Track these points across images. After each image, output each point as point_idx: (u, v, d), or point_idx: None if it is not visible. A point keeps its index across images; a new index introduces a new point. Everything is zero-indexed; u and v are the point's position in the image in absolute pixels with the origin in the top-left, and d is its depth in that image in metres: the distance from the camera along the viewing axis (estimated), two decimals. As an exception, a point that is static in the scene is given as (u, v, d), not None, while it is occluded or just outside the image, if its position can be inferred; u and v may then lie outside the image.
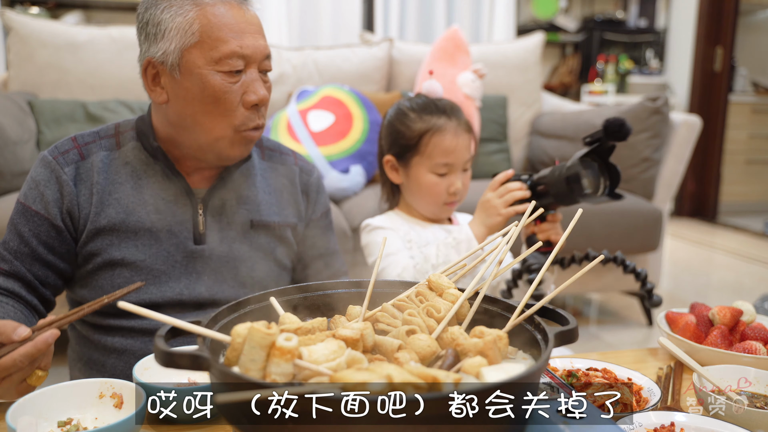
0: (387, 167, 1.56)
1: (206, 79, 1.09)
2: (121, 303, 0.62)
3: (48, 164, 1.15)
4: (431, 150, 1.48)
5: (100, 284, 1.16)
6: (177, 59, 1.09)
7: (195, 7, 1.08)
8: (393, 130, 1.53)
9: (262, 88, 1.14)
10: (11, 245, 1.14)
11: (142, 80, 1.15)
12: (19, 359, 0.87)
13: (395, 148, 1.53)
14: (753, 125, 5.71)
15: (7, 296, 1.12)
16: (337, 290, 0.88)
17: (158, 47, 1.09)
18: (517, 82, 3.29)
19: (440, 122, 1.48)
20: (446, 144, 1.47)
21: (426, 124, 1.49)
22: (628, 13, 5.89)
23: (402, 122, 1.51)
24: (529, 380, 0.63)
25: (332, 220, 1.42)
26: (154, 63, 1.11)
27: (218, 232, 1.20)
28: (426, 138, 1.48)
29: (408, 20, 4.40)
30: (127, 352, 1.16)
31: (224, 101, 1.10)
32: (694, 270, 4.08)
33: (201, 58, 1.08)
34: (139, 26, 1.13)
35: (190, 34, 1.08)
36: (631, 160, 2.78)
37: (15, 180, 2.34)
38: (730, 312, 1.16)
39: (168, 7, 1.08)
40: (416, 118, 1.50)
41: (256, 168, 1.27)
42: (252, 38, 1.11)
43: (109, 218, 1.14)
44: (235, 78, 1.11)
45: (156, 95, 1.13)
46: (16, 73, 2.73)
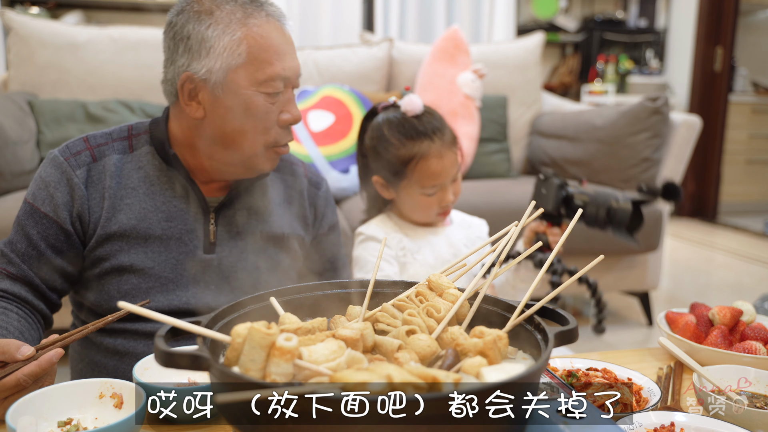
0: (377, 186, 1.52)
1: (250, 100, 1.08)
2: (121, 303, 0.62)
3: (59, 165, 1.13)
4: (418, 176, 1.43)
5: (107, 289, 1.14)
6: (221, 78, 1.07)
7: (242, 27, 1.06)
8: (376, 154, 1.48)
9: (296, 109, 1.14)
10: (19, 247, 1.12)
11: (176, 93, 1.11)
12: (23, 379, 0.87)
13: (381, 172, 1.48)
14: (753, 125, 5.71)
15: (13, 302, 1.11)
16: (337, 290, 0.88)
17: (201, 64, 1.07)
18: (517, 82, 3.29)
19: (423, 147, 1.43)
20: (432, 169, 1.43)
21: (409, 151, 1.43)
22: (628, 13, 5.89)
23: (385, 149, 1.45)
24: (529, 380, 0.63)
25: (341, 232, 1.41)
26: (195, 79, 1.08)
27: (228, 243, 1.19)
28: (411, 165, 1.43)
29: (408, 20, 4.40)
30: (129, 355, 1.15)
31: (264, 121, 1.10)
32: (694, 270, 4.08)
33: (246, 79, 1.07)
34: (175, 37, 1.09)
35: (236, 54, 1.06)
36: (631, 160, 2.78)
37: (15, 180, 2.34)
38: (730, 312, 1.16)
39: (214, 24, 1.06)
40: (399, 144, 1.44)
41: (268, 179, 1.27)
42: (291, 59, 1.11)
43: (120, 224, 1.13)
44: (275, 99, 1.11)
45: (192, 110, 1.11)
46: (16, 73, 2.73)
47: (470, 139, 2.89)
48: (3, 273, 1.12)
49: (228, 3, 1.08)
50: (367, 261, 1.48)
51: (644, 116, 2.74)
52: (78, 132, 2.54)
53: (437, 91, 2.90)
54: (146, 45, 2.84)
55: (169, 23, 1.11)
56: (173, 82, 1.12)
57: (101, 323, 0.97)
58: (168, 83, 1.13)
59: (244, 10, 1.08)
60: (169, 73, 1.12)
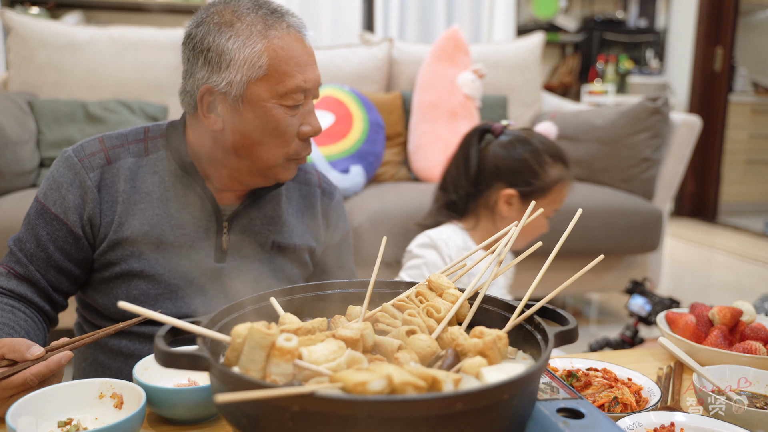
0: (503, 198, 1.56)
1: (270, 113, 1.07)
2: (121, 303, 0.62)
3: (72, 166, 1.12)
4: (556, 196, 1.55)
5: (115, 293, 1.13)
6: (241, 91, 1.06)
7: (263, 39, 1.05)
8: (526, 168, 1.55)
9: (317, 120, 1.13)
10: (27, 247, 1.11)
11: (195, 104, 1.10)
12: (30, 377, 0.87)
13: (522, 185, 1.55)
14: (753, 125, 5.72)
15: (20, 301, 1.10)
16: (337, 290, 0.88)
17: (221, 77, 1.05)
18: (517, 82, 3.29)
19: (567, 174, 1.56)
20: (565, 192, 1.57)
21: (559, 173, 1.55)
22: (628, 13, 5.89)
23: (539, 164, 1.54)
24: (529, 380, 0.63)
25: (351, 242, 1.39)
26: (214, 91, 1.07)
27: (240, 252, 1.18)
28: (558, 186, 1.55)
29: (408, 20, 4.40)
30: (133, 356, 1.15)
31: (284, 133, 1.09)
32: (694, 270, 4.08)
33: (267, 91, 1.06)
34: (195, 49, 1.08)
35: (257, 67, 1.05)
36: (631, 160, 2.78)
37: (15, 180, 2.34)
38: (730, 312, 1.16)
39: (235, 36, 1.05)
40: (552, 163, 1.54)
41: (283, 188, 1.25)
42: (312, 70, 1.10)
43: (132, 229, 1.12)
44: (296, 111, 1.10)
45: (210, 122, 1.09)
46: (16, 73, 2.73)
47: (470, 139, 2.89)
48: (11, 273, 1.11)
49: (249, 14, 1.06)
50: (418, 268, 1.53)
51: (644, 116, 2.74)
52: (78, 132, 2.54)
53: (437, 91, 2.90)
54: (146, 45, 2.84)
55: (189, 35, 1.09)
56: (192, 93, 1.10)
57: (112, 330, 0.97)
58: (187, 94, 1.11)
59: (265, 22, 1.06)
60: (188, 85, 1.11)
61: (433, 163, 2.84)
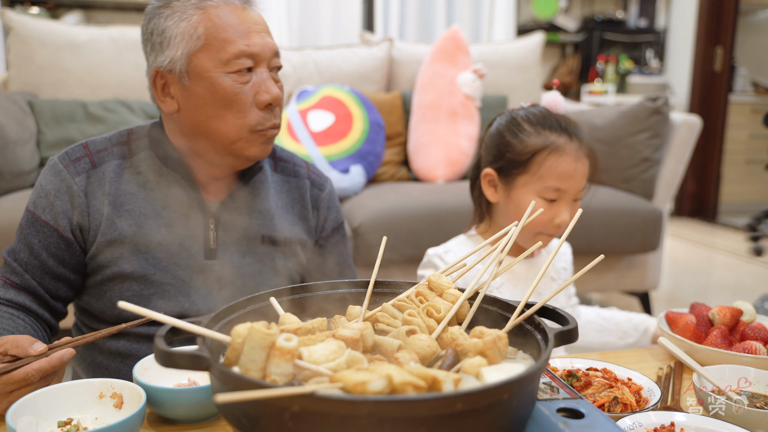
0: (484, 181, 1.37)
1: (216, 82, 1.07)
2: (121, 303, 0.62)
3: (59, 173, 1.13)
4: (544, 171, 1.28)
5: (109, 296, 1.14)
6: (185, 65, 1.07)
7: (198, 11, 1.07)
8: (501, 141, 1.34)
9: (274, 87, 1.12)
10: (21, 256, 1.12)
11: (152, 92, 1.13)
12: (31, 373, 0.87)
13: (499, 162, 1.33)
14: (753, 125, 5.71)
15: (19, 310, 1.11)
16: (337, 290, 0.88)
17: (165, 56, 1.08)
18: (517, 82, 3.29)
19: (560, 141, 1.28)
20: (563, 167, 1.27)
21: (543, 140, 1.28)
22: (628, 13, 5.89)
23: (514, 134, 1.31)
24: (529, 380, 0.63)
25: (345, 233, 1.38)
26: (162, 72, 1.09)
27: (229, 248, 1.18)
28: (540, 156, 1.28)
29: (408, 20, 4.40)
30: (132, 357, 1.15)
31: (237, 102, 1.09)
32: (694, 270, 4.08)
33: (209, 61, 1.07)
34: (144, 38, 1.12)
35: (195, 38, 1.06)
36: (631, 160, 2.78)
37: (15, 180, 2.34)
38: (730, 312, 1.16)
39: (171, 14, 1.07)
40: (532, 131, 1.30)
41: (269, 181, 1.25)
42: (258, 36, 1.10)
43: (120, 230, 1.12)
44: (246, 78, 1.09)
45: (166, 105, 1.11)
46: (16, 73, 2.73)
47: (470, 139, 2.89)
48: (7, 283, 1.12)
49: None
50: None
51: (644, 116, 2.73)
52: (78, 132, 2.54)
53: (437, 91, 2.90)
54: (146, 45, 2.84)
55: (141, 28, 1.13)
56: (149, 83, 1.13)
57: (115, 330, 0.97)
58: (149, 87, 1.14)
59: None
60: (148, 77, 1.14)
61: (433, 163, 2.84)
